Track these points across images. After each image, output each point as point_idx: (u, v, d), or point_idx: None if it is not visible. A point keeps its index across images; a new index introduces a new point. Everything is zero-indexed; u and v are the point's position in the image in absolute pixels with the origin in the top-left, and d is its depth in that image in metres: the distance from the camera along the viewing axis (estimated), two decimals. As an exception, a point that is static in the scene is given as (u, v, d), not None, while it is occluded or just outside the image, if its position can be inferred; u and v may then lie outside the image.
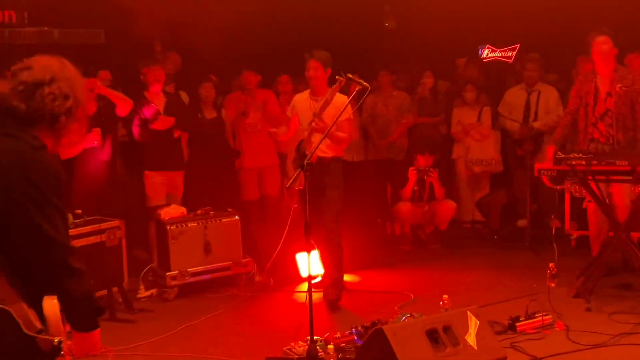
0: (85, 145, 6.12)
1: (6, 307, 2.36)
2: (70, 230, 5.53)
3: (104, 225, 5.80)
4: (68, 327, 2.54)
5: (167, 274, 6.07)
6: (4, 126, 2.47)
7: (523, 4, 8.79)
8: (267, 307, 5.88)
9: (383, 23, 10.61)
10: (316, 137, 5.53)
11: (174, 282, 6.07)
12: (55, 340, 2.41)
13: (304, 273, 6.25)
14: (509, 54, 8.89)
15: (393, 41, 9.90)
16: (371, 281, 6.46)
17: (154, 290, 6.19)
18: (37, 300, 2.41)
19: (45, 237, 2.39)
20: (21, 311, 2.37)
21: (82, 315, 2.53)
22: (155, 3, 8.52)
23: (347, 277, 6.41)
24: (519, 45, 8.64)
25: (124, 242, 5.94)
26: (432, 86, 8.39)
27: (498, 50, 8.89)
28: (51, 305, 2.43)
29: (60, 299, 2.44)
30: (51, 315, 2.42)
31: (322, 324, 5.08)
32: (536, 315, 5.00)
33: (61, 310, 2.47)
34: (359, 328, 4.80)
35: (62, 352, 2.45)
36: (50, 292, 2.44)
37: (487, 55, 8.95)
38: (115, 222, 5.89)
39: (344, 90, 5.61)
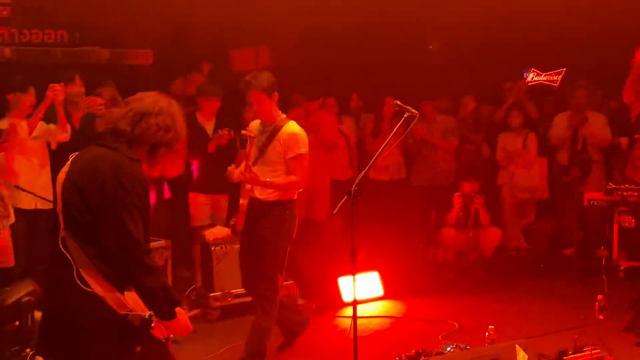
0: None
1: (97, 292, 2.70)
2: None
3: (151, 245, 5.85)
4: None
5: (211, 294, 6.10)
6: (109, 140, 2.87)
7: (570, 27, 8.69)
8: (309, 331, 5.82)
9: (427, 45, 10.60)
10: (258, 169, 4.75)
11: (217, 303, 6.10)
12: (146, 315, 2.75)
13: (347, 298, 6.23)
14: (555, 78, 8.79)
15: (437, 63, 9.88)
16: (414, 308, 6.39)
17: (197, 311, 6.22)
18: (126, 287, 2.77)
19: (127, 234, 2.72)
20: (113, 297, 2.72)
21: (159, 306, 2.82)
22: (203, 25, 8.66)
23: (389, 304, 6.37)
24: (564, 69, 8.55)
25: (169, 262, 5.99)
26: (474, 109, 8.34)
27: (543, 74, 8.80)
28: (132, 294, 2.78)
29: (138, 293, 2.78)
30: (131, 301, 2.77)
31: (366, 352, 5.03)
32: (585, 350, 4.87)
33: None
34: (403, 357, 4.74)
35: (152, 325, 2.77)
36: (130, 285, 2.78)
37: (532, 79, 8.87)
38: (162, 242, 5.95)
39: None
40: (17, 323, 5.14)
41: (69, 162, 2.90)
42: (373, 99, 8.51)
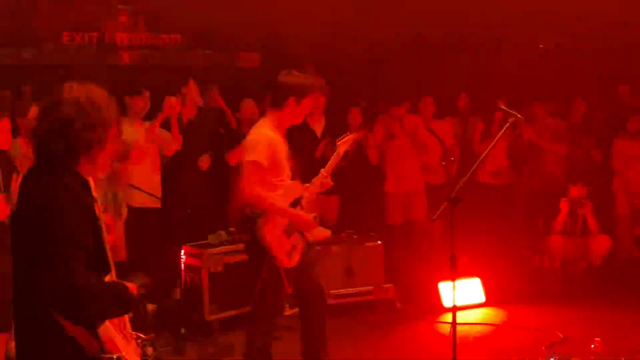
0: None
1: (69, 333, 2.49)
2: (223, 247, 5.88)
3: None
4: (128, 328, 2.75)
5: (310, 294, 6.18)
6: (42, 164, 2.59)
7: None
8: (407, 336, 5.84)
9: (538, 44, 10.29)
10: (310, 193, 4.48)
11: (316, 303, 6.17)
12: (115, 357, 2.56)
13: (447, 303, 6.16)
14: (676, 80, 8.31)
15: (548, 63, 9.58)
16: (517, 316, 6.23)
17: (297, 309, 6.32)
18: (91, 322, 2.54)
19: (66, 279, 2.44)
20: (82, 335, 2.51)
21: (119, 313, 2.67)
22: (308, 28, 8.80)
23: (491, 311, 6.25)
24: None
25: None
26: (585, 113, 8.03)
27: (663, 74, 8.33)
28: (104, 328, 2.56)
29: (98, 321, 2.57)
30: (105, 336, 2.56)
31: (466, 359, 4.97)
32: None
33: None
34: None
35: None
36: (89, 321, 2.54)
37: (649, 80, 8.43)
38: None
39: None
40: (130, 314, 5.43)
41: (18, 186, 2.68)
42: (482, 100, 8.34)
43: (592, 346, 4.60)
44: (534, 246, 7.76)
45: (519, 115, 4.68)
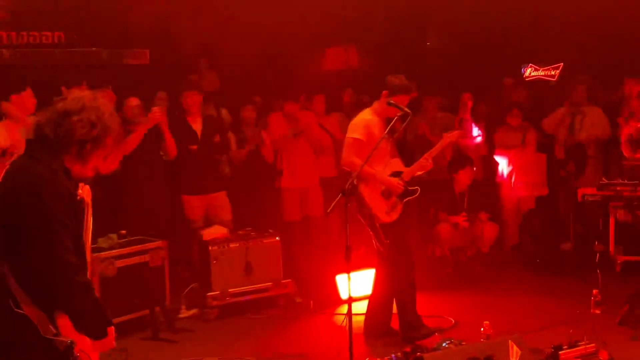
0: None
1: (25, 312, 2.59)
2: (115, 251, 5.72)
3: (147, 246, 5.90)
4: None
5: (208, 294, 6.13)
6: (33, 150, 2.72)
7: (571, 23, 8.71)
8: (307, 329, 5.89)
9: (425, 42, 10.62)
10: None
11: (215, 302, 6.13)
12: (69, 341, 2.62)
13: (344, 295, 6.25)
14: (552, 72, 8.82)
15: (435, 61, 9.90)
16: (411, 304, 6.40)
17: (195, 310, 6.25)
18: (50, 307, 2.63)
19: (53, 253, 2.58)
20: (38, 316, 2.60)
21: (90, 326, 2.72)
22: (198, 24, 8.68)
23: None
24: (562, 64, 8.56)
25: (166, 262, 6.02)
26: (472, 107, 8.36)
27: (541, 69, 8.82)
28: (63, 316, 2.64)
29: (67, 312, 2.64)
30: (62, 321, 2.64)
31: (362, 349, 5.07)
32: (579, 344, 4.88)
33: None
34: (399, 354, 4.77)
35: (75, 352, 2.63)
36: (58, 305, 2.63)
37: (529, 74, 8.91)
38: (159, 243, 5.97)
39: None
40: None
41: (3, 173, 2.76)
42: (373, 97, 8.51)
43: (482, 329, 4.79)
44: (425, 235, 8.00)
45: (406, 109, 4.83)
